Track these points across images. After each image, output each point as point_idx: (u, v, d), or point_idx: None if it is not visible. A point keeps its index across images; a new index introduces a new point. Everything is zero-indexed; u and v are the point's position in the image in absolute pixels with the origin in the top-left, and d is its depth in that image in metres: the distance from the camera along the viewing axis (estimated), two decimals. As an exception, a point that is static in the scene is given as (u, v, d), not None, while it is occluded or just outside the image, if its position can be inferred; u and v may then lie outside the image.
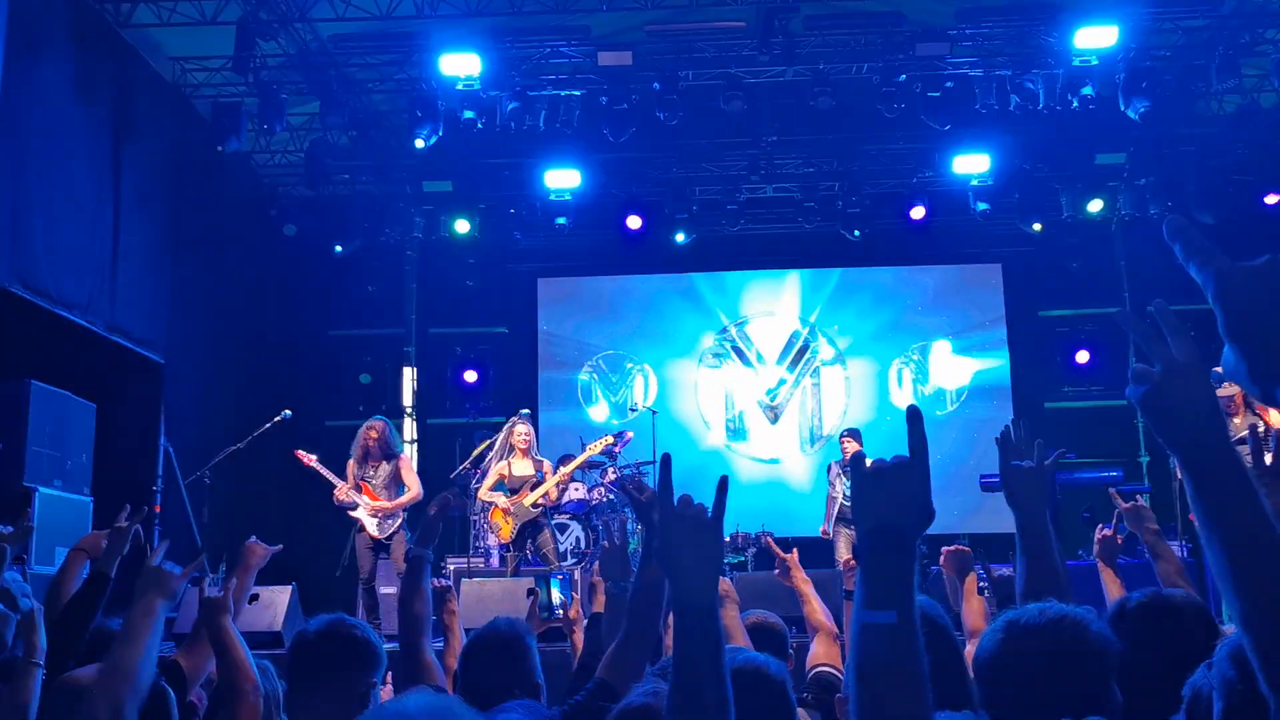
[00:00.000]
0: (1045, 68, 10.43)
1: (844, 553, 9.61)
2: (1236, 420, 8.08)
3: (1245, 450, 6.11)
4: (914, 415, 1.56)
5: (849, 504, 8.99)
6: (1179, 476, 7.90)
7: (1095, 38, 10.01)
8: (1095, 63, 10.30)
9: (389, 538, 8.58)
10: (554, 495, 9.21)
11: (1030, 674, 1.98)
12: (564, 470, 9.38)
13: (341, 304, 13.30)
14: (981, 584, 4.34)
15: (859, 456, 1.66)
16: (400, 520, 8.66)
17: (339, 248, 12.34)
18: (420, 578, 3.59)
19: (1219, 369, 1.09)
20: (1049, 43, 10.46)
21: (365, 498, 8.60)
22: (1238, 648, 1.81)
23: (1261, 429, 7.74)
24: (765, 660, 2.42)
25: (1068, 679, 1.97)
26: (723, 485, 1.82)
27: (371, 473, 8.69)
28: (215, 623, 2.88)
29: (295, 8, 9.87)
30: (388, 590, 8.51)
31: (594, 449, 9.70)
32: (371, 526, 8.57)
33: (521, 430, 9.19)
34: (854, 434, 10.53)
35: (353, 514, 8.63)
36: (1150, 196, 12.02)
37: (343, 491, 8.56)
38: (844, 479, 9.88)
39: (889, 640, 1.50)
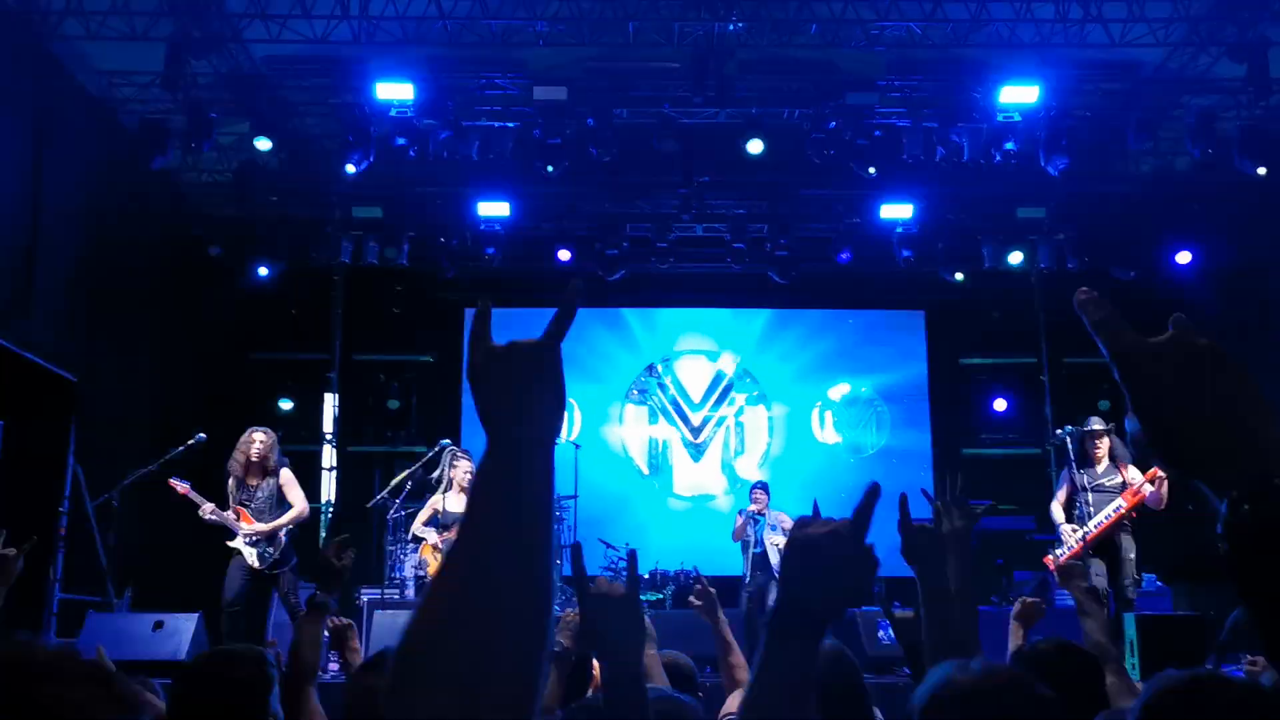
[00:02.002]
0: (970, 121, 10.70)
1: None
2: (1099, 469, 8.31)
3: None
4: (872, 492, 1.45)
5: (758, 551, 9.12)
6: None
7: (1018, 95, 10.31)
8: (1018, 119, 10.60)
9: (269, 569, 8.11)
10: None
11: None
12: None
13: (264, 327, 13.10)
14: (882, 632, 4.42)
15: (804, 520, 1.54)
16: (283, 547, 8.20)
17: (264, 270, 12.16)
18: (319, 626, 3.51)
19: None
20: (974, 98, 10.74)
21: (242, 524, 8.12)
22: (1150, 701, 1.85)
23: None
24: (685, 700, 2.42)
25: None
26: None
27: (251, 493, 8.25)
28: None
29: (228, 27, 9.77)
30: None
31: None
32: (250, 556, 8.06)
33: (464, 467, 8.92)
34: (764, 487, 10.37)
35: (230, 544, 8.14)
36: (1069, 251, 12.35)
37: (208, 511, 8.05)
38: (753, 526, 10.06)
39: None
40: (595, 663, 4.56)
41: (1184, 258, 11.92)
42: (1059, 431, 9.19)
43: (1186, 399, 1.00)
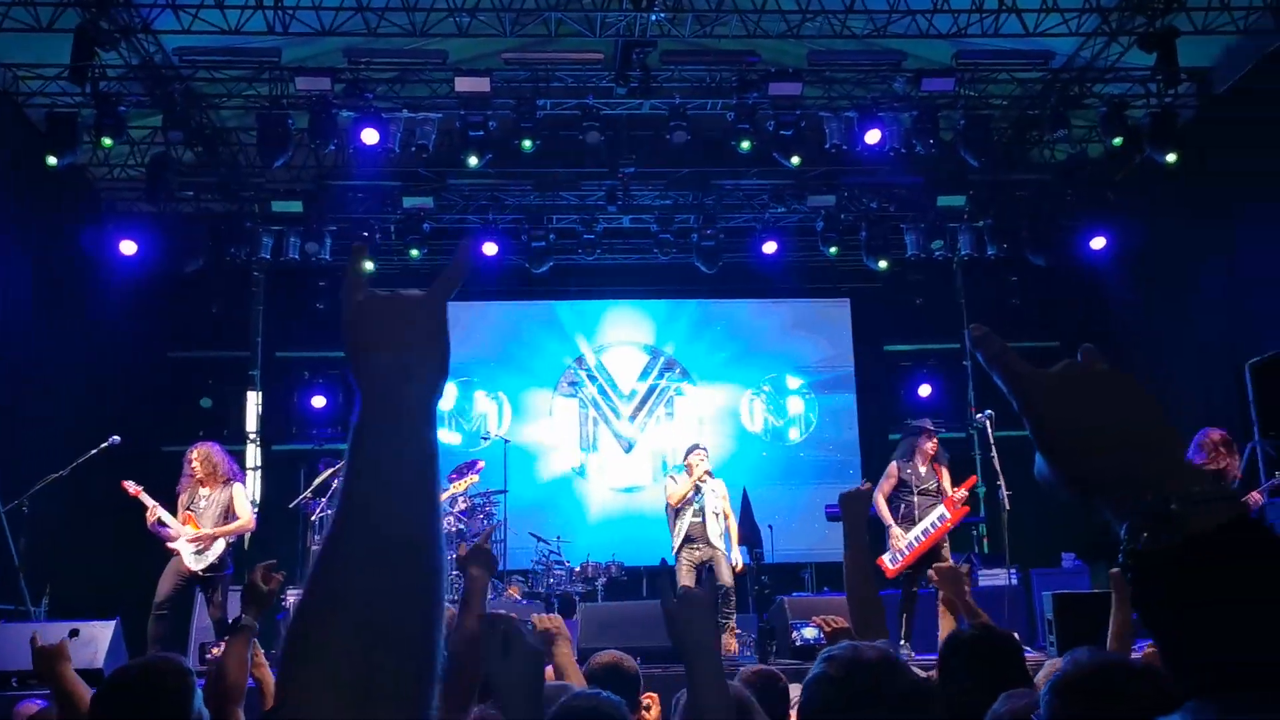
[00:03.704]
0: (892, 111, 10.83)
1: (684, 579, 9.13)
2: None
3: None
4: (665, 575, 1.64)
5: (697, 520, 8.99)
6: (1008, 507, 8.26)
7: (938, 85, 10.46)
8: (938, 108, 10.76)
9: (206, 571, 8.20)
10: None
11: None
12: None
13: (182, 325, 12.81)
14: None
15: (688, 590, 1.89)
16: (221, 553, 8.28)
17: (180, 267, 11.88)
18: (246, 647, 3.47)
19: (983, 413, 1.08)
20: (895, 88, 10.88)
21: (188, 528, 8.21)
22: (1058, 682, 1.89)
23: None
24: (607, 698, 2.39)
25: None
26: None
27: (201, 502, 8.33)
28: (53, 670, 2.71)
29: (138, 18, 9.51)
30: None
31: (457, 488, 9.67)
32: (189, 558, 8.16)
33: None
34: (704, 449, 9.85)
35: (171, 545, 8.23)
36: (988, 237, 12.57)
37: (154, 514, 8.13)
38: (695, 492, 9.28)
39: None
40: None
41: (1098, 243, 12.20)
42: (979, 415, 9.39)
43: (1087, 425, 0.98)
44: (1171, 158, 10.45)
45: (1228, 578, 0.85)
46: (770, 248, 12.80)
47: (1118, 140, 10.72)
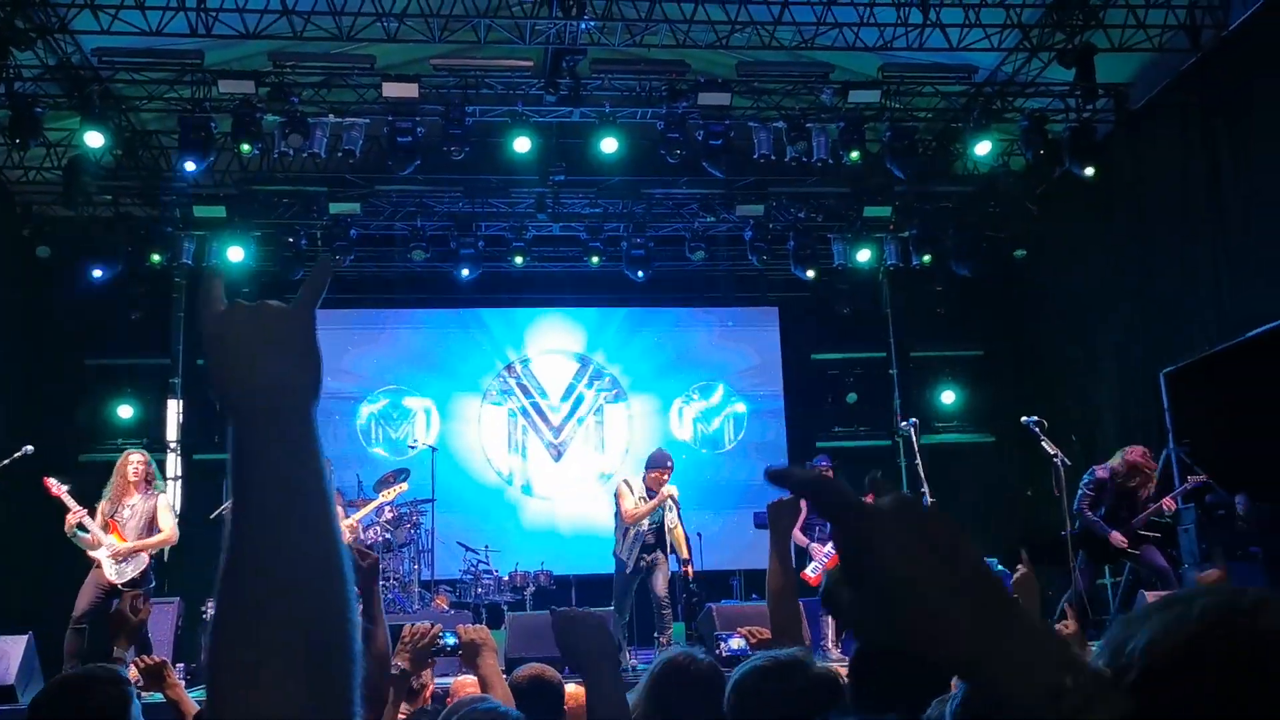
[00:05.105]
0: (819, 122, 10.94)
1: (624, 607, 9.15)
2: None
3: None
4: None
5: (652, 526, 8.95)
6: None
7: (864, 97, 10.61)
8: (864, 119, 10.91)
9: (127, 585, 7.99)
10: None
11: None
12: (353, 519, 9.25)
13: (101, 331, 12.50)
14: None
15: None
16: (144, 568, 8.11)
17: (99, 272, 11.59)
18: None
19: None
20: (823, 99, 11.00)
21: (111, 537, 8.03)
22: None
23: None
24: (509, 713, 2.41)
25: None
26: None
27: (125, 511, 8.15)
28: None
29: (55, 17, 9.27)
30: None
31: (385, 497, 9.56)
32: (109, 570, 7.99)
33: None
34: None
35: (92, 554, 8.04)
36: (914, 248, 12.77)
37: (76, 517, 7.89)
38: (645, 502, 9.06)
39: None
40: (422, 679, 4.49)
41: (1019, 254, 12.45)
42: (903, 424, 9.53)
43: (913, 575, 0.80)
44: (1090, 171, 10.72)
45: None
46: (699, 256, 12.88)
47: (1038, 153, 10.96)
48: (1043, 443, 8.37)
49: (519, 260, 12.84)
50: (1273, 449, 9.27)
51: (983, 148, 11.29)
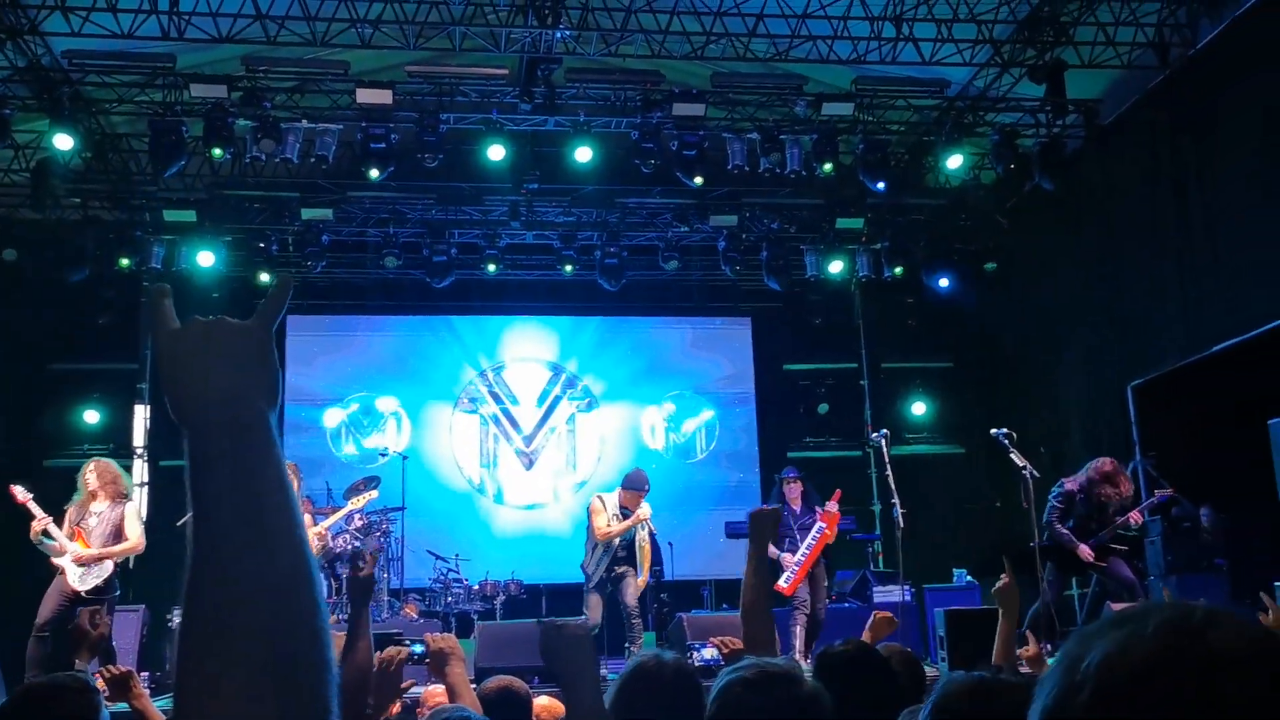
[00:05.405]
0: (793, 134, 11.00)
1: (595, 614, 8.94)
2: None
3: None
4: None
5: (621, 544, 8.92)
6: (902, 525, 8.45)
7: (837, 109, 10.68)
8: (838, 132, 10.98)
9: (91, 593, 7.89)
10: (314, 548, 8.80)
11: None
12: (321, 526, 9.15)
13: (68, 336, 12.37)
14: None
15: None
16: (108, 576, 8.00)
17: (67, 275, 11.48)
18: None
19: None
20: (796, 111, 11.06)
21: (76, 544, 7.93)
22: (936, 701, 1.94)
23: None
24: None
25: None
26: None
27: (91, 519, 8.05)
28: None
29: (25, 19, 9.19)
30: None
31: (354, 504, 9.47)
32: (73, 577, 7.89)
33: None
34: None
35: (56, 561, 7.94)
36: (886, 260, 12.85)
37: (41, 524, 7.81)
38: (619, 520, 9.07)
39: None
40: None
41: (990, 267, 12.56)
42: (874, 434, 9.59)
43: None
44: (1059, 185, 10.83)
45: None
46: (672, 266, 12.91)
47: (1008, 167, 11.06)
48: (1011, 454, 8.43)
49: (492, 268, 12.83)
50: (1237, 462, 9.38)
51: (954, 161, 11.41)
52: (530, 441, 13.81)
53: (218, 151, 10.08)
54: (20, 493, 7.95)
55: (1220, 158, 9.26)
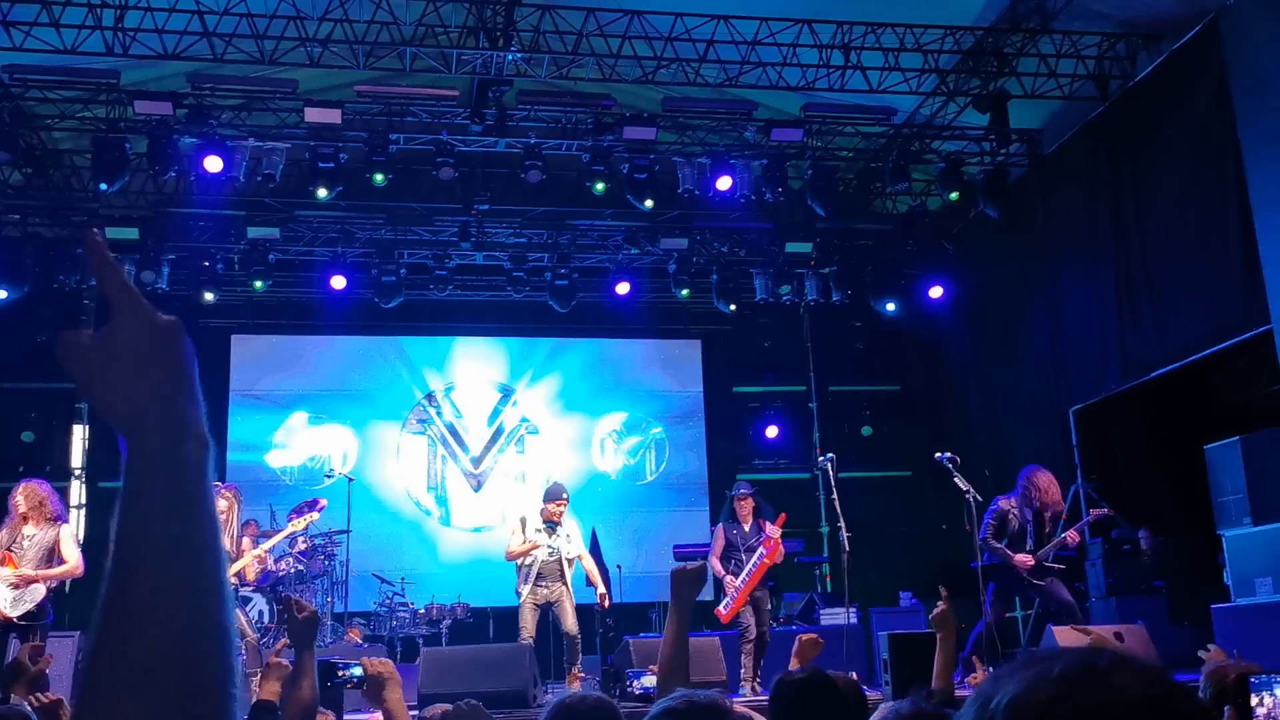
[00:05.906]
0: (743, 158, 11.09)
1: (529, 626, 8.74)
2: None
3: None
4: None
5: (551, 559, 8.83)
6: (848, 548, 8.49)
7: (787, 135, 10.79)
8: (787, 157, 11.09)
9: (22, 619, 7.59)
10: (251, 574, 8.62)
11: None
12: (261, 548, 8.94)
13: (5, 354, 12.11)
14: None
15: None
16: (40, 600, 7.68)
17: (3, 293, 11.25)
18: None
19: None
20: (747, 136, 11.15)
21: (6, 569, 7.65)
22: None
23: None
24: None
25: None
26: None
27: (24, 543, 7.82)
28: None
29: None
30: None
31: (296, 526, 9.30)
32: (5, 603, 7.57)
33: (226, 504, 8.48)
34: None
35: None
36: (834, 284, 12.96)
37: None
38: (547, 534, 8.99)
39: None
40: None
41: (936, 292, 12.71)
42: (821, 458, 9.64)
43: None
44: (1002, 212, 11.01)
45: None
46: (623, 288, 12.93)
47: (954, 195, 11.21)
48: (955, 478, 8.52)
49: (441, 289, 12.76)
50: (1175, 485, 9.55)
51: (901, 188, 11.55)
52: (479, 463, 13.71)
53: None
54: None
55: (1155, 186, 9.46)
